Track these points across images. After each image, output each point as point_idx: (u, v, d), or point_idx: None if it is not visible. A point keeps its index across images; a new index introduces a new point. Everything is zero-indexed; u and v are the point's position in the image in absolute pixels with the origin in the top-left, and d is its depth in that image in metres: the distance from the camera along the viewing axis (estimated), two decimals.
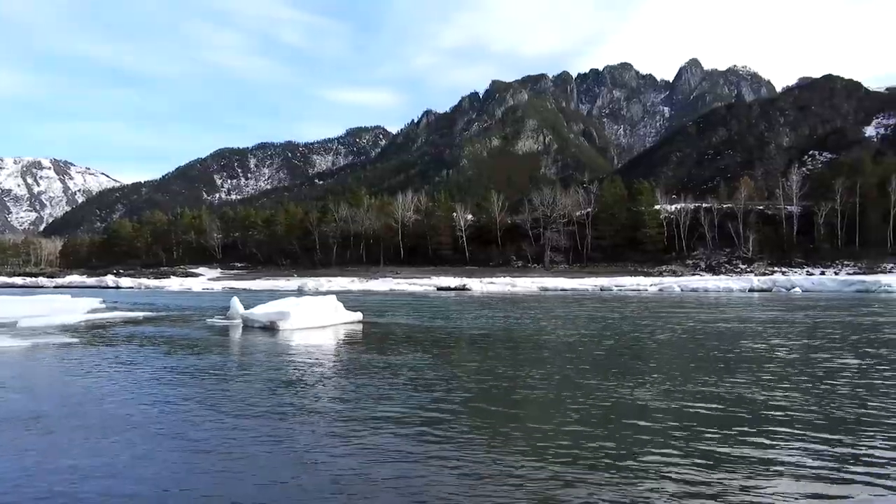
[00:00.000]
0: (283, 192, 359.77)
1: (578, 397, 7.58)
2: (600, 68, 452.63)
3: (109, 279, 71.28)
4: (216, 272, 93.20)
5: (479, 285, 51.01)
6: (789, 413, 6.68)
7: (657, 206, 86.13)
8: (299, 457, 5.28)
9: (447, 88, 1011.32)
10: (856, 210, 73.07)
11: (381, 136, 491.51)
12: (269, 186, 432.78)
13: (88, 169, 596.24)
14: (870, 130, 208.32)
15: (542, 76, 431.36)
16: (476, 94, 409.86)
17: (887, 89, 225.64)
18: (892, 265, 64.83)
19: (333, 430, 6.08)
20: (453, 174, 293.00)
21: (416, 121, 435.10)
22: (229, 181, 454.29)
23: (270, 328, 16.16)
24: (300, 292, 43.09)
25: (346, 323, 17.93)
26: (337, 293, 25.89)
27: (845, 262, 68.61)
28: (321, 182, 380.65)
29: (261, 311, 17.09)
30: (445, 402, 7.31)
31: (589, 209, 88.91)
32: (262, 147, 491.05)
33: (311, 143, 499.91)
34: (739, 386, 8.14)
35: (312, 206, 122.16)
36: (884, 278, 46.67)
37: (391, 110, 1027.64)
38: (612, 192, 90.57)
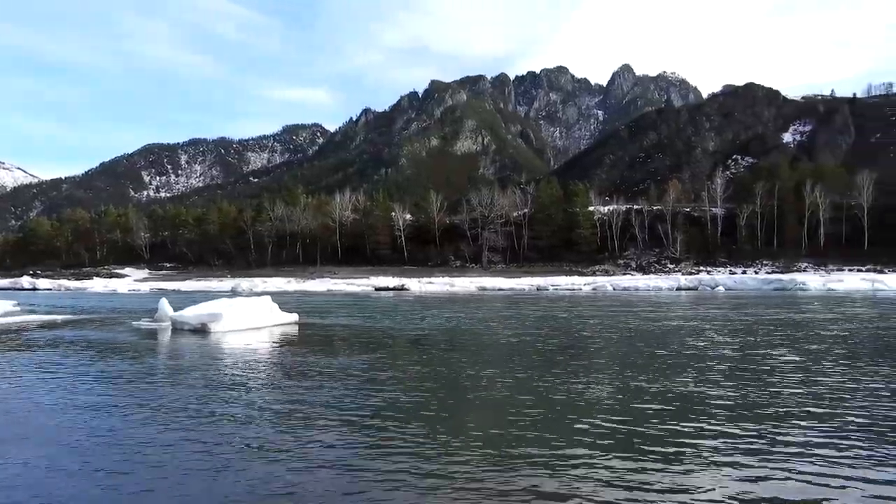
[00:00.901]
0: (216, 189, 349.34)
1: (519, 396, 7.68)
2: (537, 71, 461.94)
3: (25, 280, 67.24)
4: (144, 273, 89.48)
5: (417, 285, 51.00)
6: (725, 405, 6.97)
7: (591, 208, 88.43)
8: (234, 465, 5.11)
9: (386, 87, 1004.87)
10: (774, 212, 77.26)
11: (318, 134, 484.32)
12: (201, 184, 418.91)
13: (3, 163, 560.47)
14: (787, 137, 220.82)
15: (481, 77, 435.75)
16: (415, 93, 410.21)
17: (803, 98, 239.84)
18: (806, 264, 68.97)
19: (270, 437, 5.93)
20: (392, 173, 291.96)
21: (354, 119, 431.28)
22: (158, 178, 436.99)
23: (201, 330, 15.62)
24: (234, 293, 41.89)
25: (281, 324, 17.55)
26: (272, 294, 25.31)
27: (765, 262, 72.45)
28: (256, 180, 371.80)
29: (191, 313, 16.50)
30: (385, 406, 7.25)
31: (526, 210, 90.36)
32: (194, 143, 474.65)
33: (246, 140, 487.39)
34: (673, 381, 8.44)
35: (247, 204, 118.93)
36: (799, 277, 49.67)
37: (329, 108, 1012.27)
38: (548, 194, 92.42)
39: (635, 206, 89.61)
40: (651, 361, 10.48)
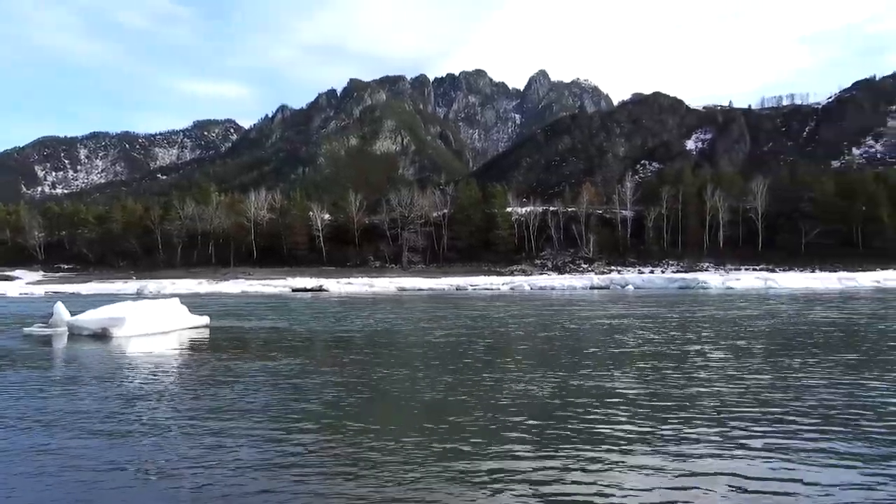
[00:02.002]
0: (121, 186, 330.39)
1: (429, 392, 7.64)
2: (456, 73, 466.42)
3: None
4: (37, 275, 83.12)
5: (336, 286, 50.19)
6: (644, 400, 7.20)
7: (509, 209, 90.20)
8: (136, 485, 4.76)
9: (304, 85, 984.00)
10: (679, 215, 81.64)
11: (232, 131, 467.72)
12: (103, 180, 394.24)
13: None
14: (690, 144, 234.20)
15: (401, 78, 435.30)
16: (334, 91, 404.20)
17: (704, 107, 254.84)
18: (707, 264, 73.41)
19: (179, 448, 5.57)
20: (310, 172, 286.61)
21: (270, 116, 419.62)
22: (54, 173, 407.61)
23: (102, 336, 14.64)
24: (139, 295, 39.64)
25: (190, 328, 16.74)
26: (181, 296, 24.11)
27: (670, 262, 76.46)
28: (165, 177, 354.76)
29: (90, 317, 15.43)
30: (305, 414, 7.01)
31: (445, 210, 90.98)
32: (95, 137, 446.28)
33: (153, 135, 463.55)
34: (591, 377, 8.66)
35: (154, 202, 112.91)
36: (701, 276, 52.68)
37: (244, 104, 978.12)
38: (467, 195, 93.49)
39: (551, 208, 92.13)
40: (567, 358, 10.73)
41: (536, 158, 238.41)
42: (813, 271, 61.75)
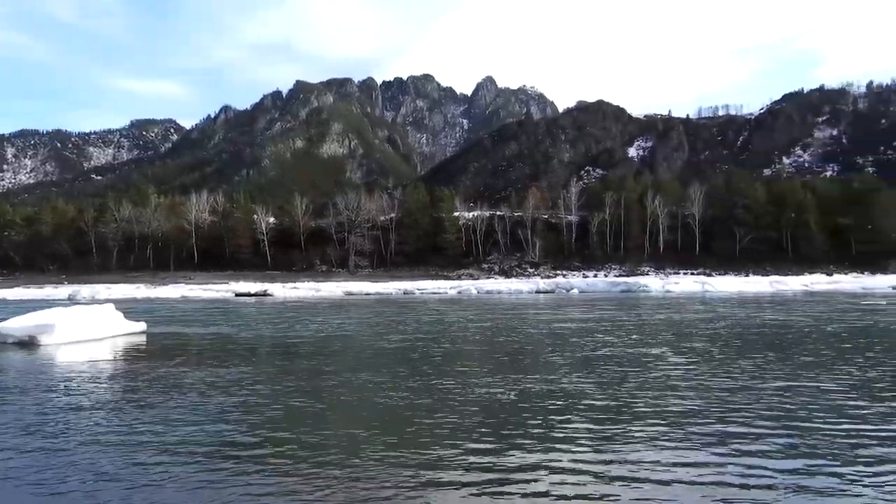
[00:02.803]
0: (51, 187, 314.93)
1: (383, 398, 7.55)
2: (404, 77, 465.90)
3: None
4: None
5: (281, 290, 49.17)
6: (590, 399, 7.29)
7: (457, 213, 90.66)
8: (64, 501, 4.50)
9: (248, 85, 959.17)
10: (621, 220, 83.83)
11: (172, 131, 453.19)
12: (32, 181, 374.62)
13: None
14: (632, 151, 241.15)
15: (348, 80, 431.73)
16: (279, 92, 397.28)
17: (645, 116, 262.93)
18: (648, 268, 75.66)
19: (107, 465, 5.29)
20: (254, 174, 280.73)
21: (213, 116, 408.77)
22: None
23: (29, 344, 13.87)
24: (71, 301, 37.85)
25: (126, 334, 16.05)
26: (117, 301, 23.14)
27: (613, 266, 78.43)
28: (100, 177, 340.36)
29: (16, 324, 14.60)
30: (243, 423, 6.80)
31: (393, 214, 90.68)
32: (24, 135, 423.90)
33: (87, 134, 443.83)
34: (538, 378, 8.73)
35: (88, 203, 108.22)
36: (642, 280, 54.18)
37: (184, 104, 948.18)
38: (415, 199, 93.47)
39: (498, 213, 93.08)
40: (517, 361, 10.82)
41: (484, 163, 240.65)
42: (746, 275, 64.40)
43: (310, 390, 8.35)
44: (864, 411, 6.76)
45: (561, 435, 5.97)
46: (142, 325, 16.95)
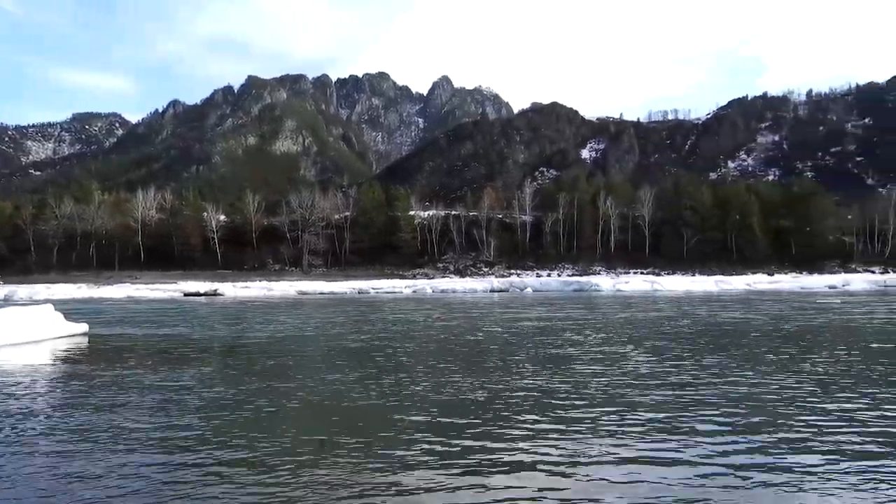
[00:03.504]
0: None
1: (343, 400, 7.44)
2: (360, 75, 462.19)
3: None
4: None
5: (232, 290, 48.08)
6: (548, 395, 7.34)
7: (412, 212, 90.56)
8: None
9: (198, 80, 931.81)
10: (574, 221, 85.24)
11: (117, 125, 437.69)
12: None
13: None
14: (585, 153, 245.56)
15: (302, 77, 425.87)
16: (231, 87, 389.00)
17: (598, 119, 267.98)
18: (599, 268, 77.18)
19: (45, 477, 5.04)
20: (204, 171, 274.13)
21: (160, 111, 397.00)
22: None
23: None
24: (7, 302, 36.13)
25: (67, 336, 15.38)
26: (57, 302, 22.18)
27: (566, 265, 79.70)
28: (39, 173, 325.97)
29: None
30: (190, 427, 6.58)
31: (348, 213, 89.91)
32: None
33: (25, 127, 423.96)
34: (489, 376, 8.75)
35: (26, 199, 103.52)
36: (594, 279, 55.18)
37: (130, 98, 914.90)
38: (370, 198, 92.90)
39: (453, 212, 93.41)
40: (478, 359, 10.83)
41: (439, 162, 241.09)
42: (693, 275, 66.38)
43: (272, 392, 8.16)
44: (830, 405, 7.01)
45: (531, 432, 6.00)
46: (83, 327, 16.29)
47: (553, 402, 7.39)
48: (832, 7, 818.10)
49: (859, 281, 50.17)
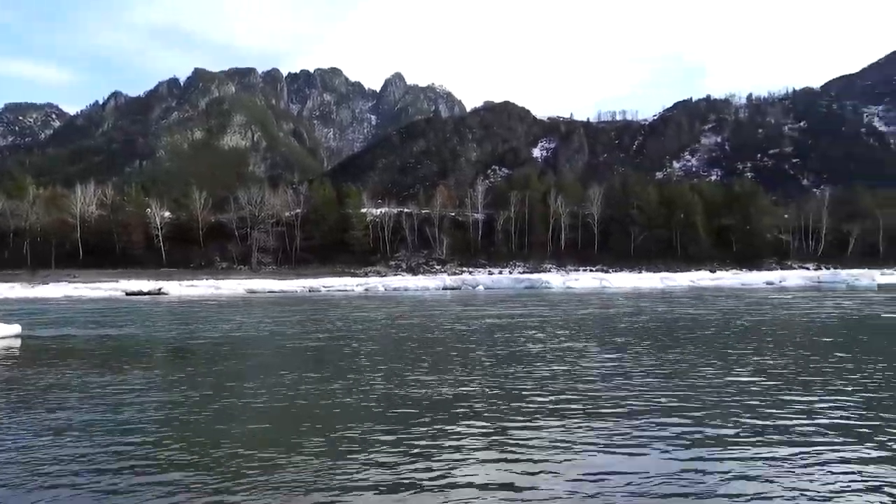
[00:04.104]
0: None
1: (301, 402, 7.30)
2: (311, 70, 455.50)
3: None
4: None
5: (177, 288, 46.67)
6: (488, 396, 7.37)
7: (364, 210, 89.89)
8: None
9: (141, 72, 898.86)
10: (526, 219, 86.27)
11: (54, 117, 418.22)
12: None
13: None
14: (536, 152, 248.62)
15: (251, 71, 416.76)
16: (176, 80, 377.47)
17: (549, 118, 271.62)
18: (550, 265, 78.34)
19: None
20: (148, 166, 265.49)
21: (101, 102, 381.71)
22: None
23: None
24: None
25: None
26: None
27: (517, 263, 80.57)
28: None
29: None
30: (131, 433, 6.34)
31: (299, 210, 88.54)
32: None
33: None
34: (436, 376, 8.74)
35: None
36: (544, 276, 55.98)
37: (68, 88, 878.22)
38: (321, 194, 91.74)
39: (406, 210, 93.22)
40: (416, 359, 10.80)
41: (392, 160, 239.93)
42: (640, 272, 68.11)
43: (226, 394, 7.93)
44: (797, 398, 7.27)
45: (495, 427, 6.01)
46: (15, 328, 15.50)
47: (519, 399, 7.44)
48: (772, 15, 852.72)
49: (795, 277, 52.42)
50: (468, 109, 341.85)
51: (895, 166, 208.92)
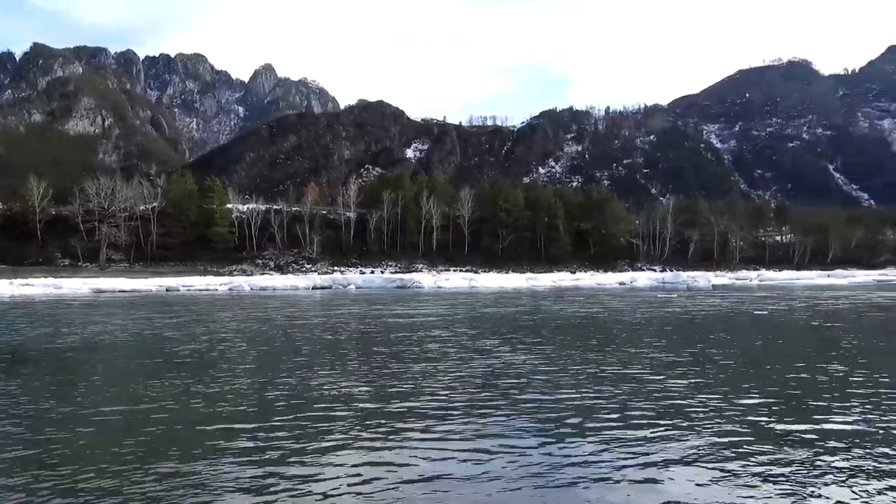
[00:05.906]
0: None
1: (135, 408, 6.74)
2: (172, 55, 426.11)
3: None
4: None
5: (9, 288, 41.68)
6: (364, 396, 7.26)
7: (230, 205, 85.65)
8: None
9: None
10: (398, 219, 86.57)
11: None
12: None
13: None
14: (409, 152, 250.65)
15: (102, 50, 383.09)
16: (11, 54, 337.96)
17: (423, 120, 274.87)
18: (421, 265, 79.21)
19: None
20: None
21: None
22: None
23: None
24: None
25: None
26: None
27: (389, 263, 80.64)
28: None
29: None
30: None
31: (155, 204, 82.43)
32: None
33: None
34: (307, 378, 8.50)
35: None
36: (416, 276, 56.56)
37: None
38: (181, 187, 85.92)
39: (275, 207, 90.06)
40: (279, 361, 10.47)
41: (261, 154, 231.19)
42: (507, 272, 70.80)
43: (46, 408, 7.12)
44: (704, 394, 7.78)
45: (357, 431, 5.89)
46: None
47: (384, 400, 7.39)
48: (628, 34, 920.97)
49: (644, 278, 57.19)
50: (342, 106, 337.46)
51: (728, 179, 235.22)
